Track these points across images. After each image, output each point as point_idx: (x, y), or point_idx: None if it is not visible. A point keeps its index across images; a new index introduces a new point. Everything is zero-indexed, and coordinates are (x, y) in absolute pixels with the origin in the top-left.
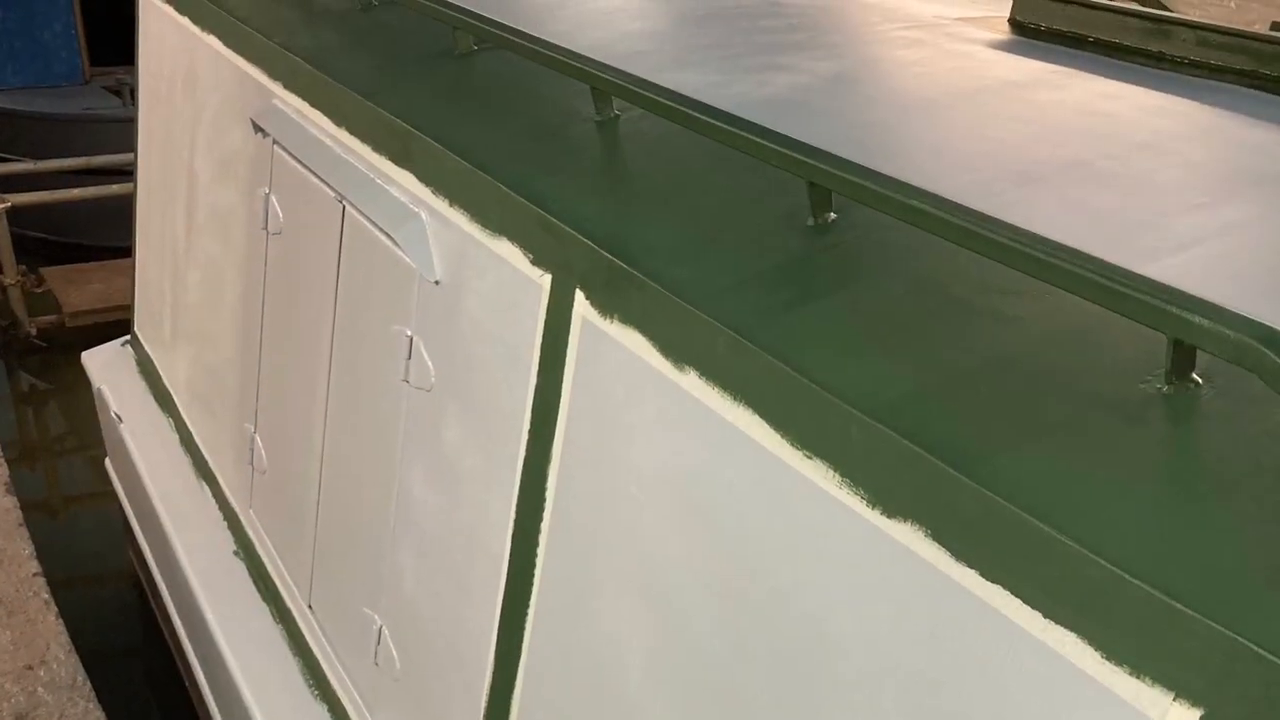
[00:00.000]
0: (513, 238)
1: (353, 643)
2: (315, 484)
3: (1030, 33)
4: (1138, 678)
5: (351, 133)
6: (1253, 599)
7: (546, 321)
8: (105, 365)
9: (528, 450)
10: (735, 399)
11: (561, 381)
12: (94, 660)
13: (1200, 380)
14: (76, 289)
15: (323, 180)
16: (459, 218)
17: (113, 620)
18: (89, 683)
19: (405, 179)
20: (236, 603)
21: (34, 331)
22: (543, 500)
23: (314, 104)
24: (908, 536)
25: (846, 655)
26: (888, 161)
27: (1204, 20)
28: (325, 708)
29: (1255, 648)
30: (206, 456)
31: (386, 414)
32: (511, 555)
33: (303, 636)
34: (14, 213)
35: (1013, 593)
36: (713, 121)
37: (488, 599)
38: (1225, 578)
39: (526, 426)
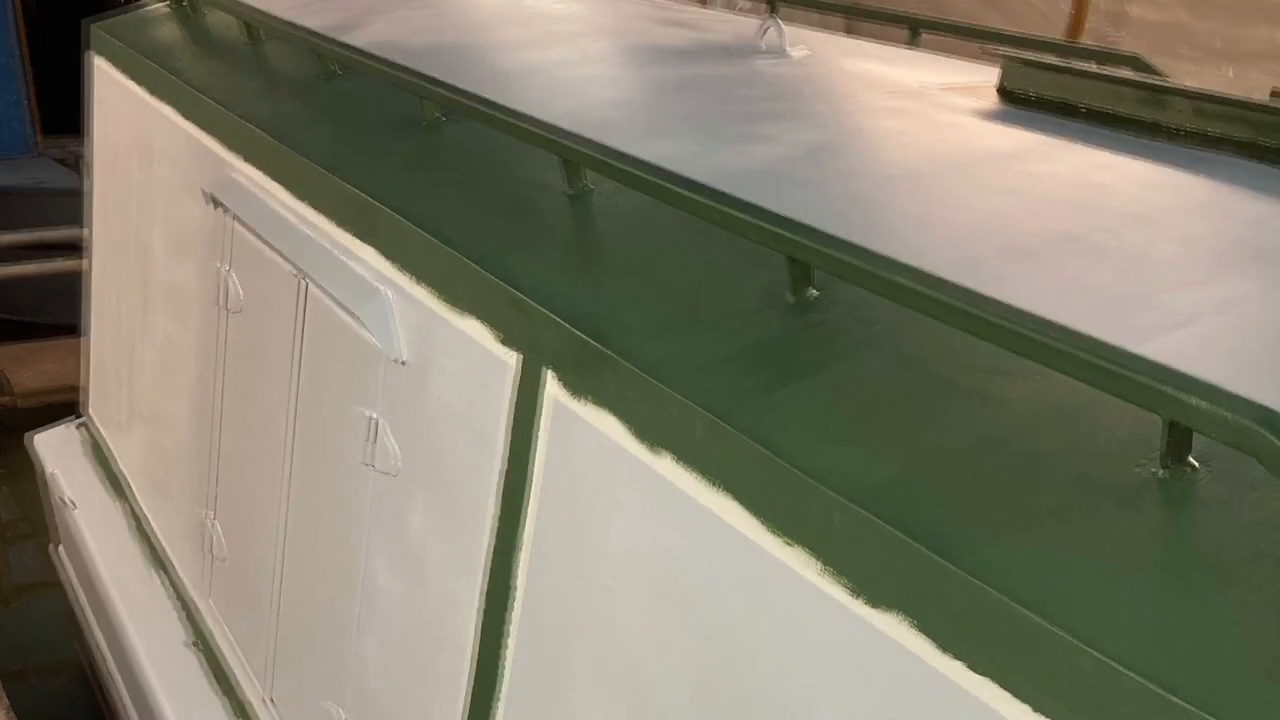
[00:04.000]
0: (481, 316)
1: None
2: (276, 572)
3: (1019, 101)
4: None
5: (313, 206)
6: (1252, 692)
7: (516, 403)
8: (56, 448)
9: (496, 537)
10: (713, 483)
11: (531, 465)
12: None
13: (1197, 464)
14: (28, 369)
15: (283, 255)
16: (424, 295)
17: (61, 714)
18: None
19: (369, 254)
20: (192, 696)
21: None
22: (511, 588)
23: (274, 176)
24: (892, 627)
25: None
26: (871, 235)
27: (1201, 89)
28: None
29: None
30: (162, 543)
31: (349, 499)
32: (479, 646)
33: None
34: None
35: (1002, 686)
36: (689, 194)
37: (454, 692)
38: (1224, 670)
39: (494, 512)
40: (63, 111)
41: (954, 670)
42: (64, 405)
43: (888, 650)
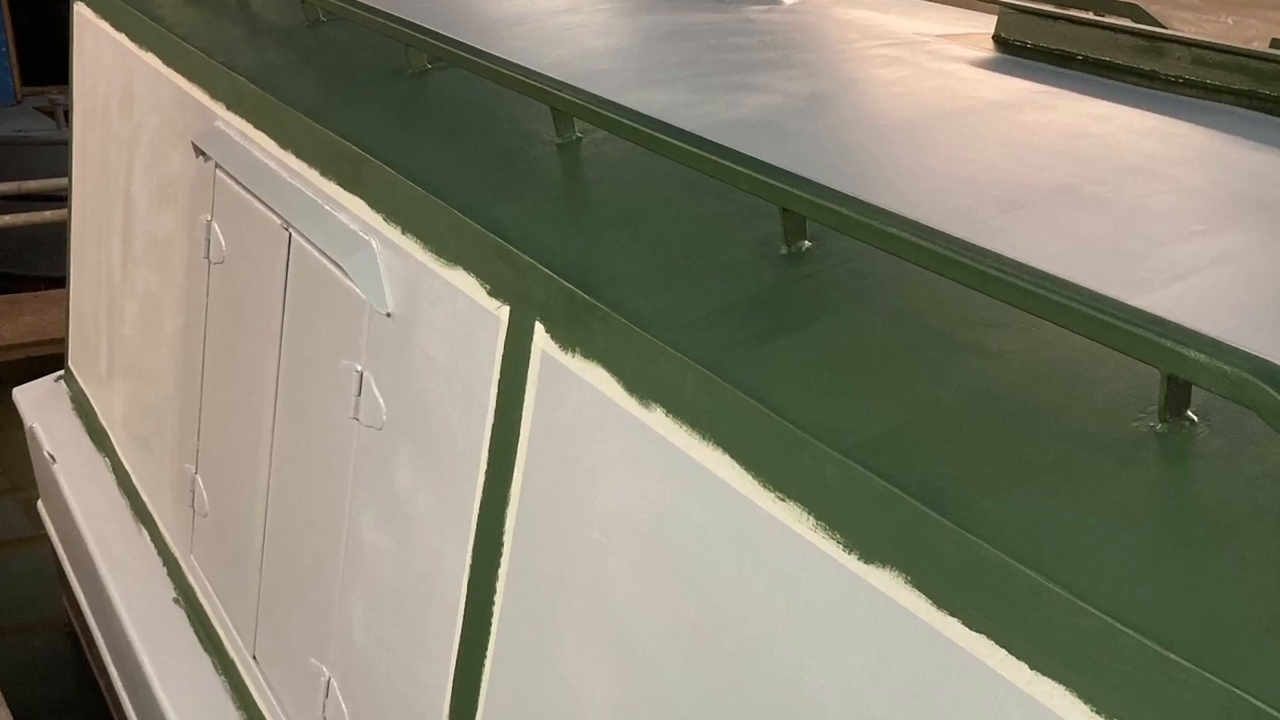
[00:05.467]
0: (469, 267)
1: (299, 695)
2: (260, 527)
3: (1016, 50)
4: None
5: (298, 156)
6: (1251, 649)
7: (504, 356)
8: (38, 402)
9: (484, 492)
10: (704, 438)
11: (520, 419)
12: (25, 715)
13: (1196, 418)
14: (8, 321)
15: (268, 206)
16: (412, 246)
17: (46, 672)
18: None
19: (355, 205)
20: (176, 653)
21: None
22: (500, 544)
23: (259, 126)
24: (886, 583)
25: (822, 709)
26: (865, 186)
27: (1199, 37)
28: None
29: (1254, 701)
30: (145, 498)
31: (335, 453)
32: (467, 603)
33: (246, 689)
34: None
35: (998, 643)
36: (680, 144)
37: (442, 649)
38: (1222, 627)
39: (483, 467)
40: (46, 60)
41: (949, 627)
42: (45, 360)
43: (882, 607)
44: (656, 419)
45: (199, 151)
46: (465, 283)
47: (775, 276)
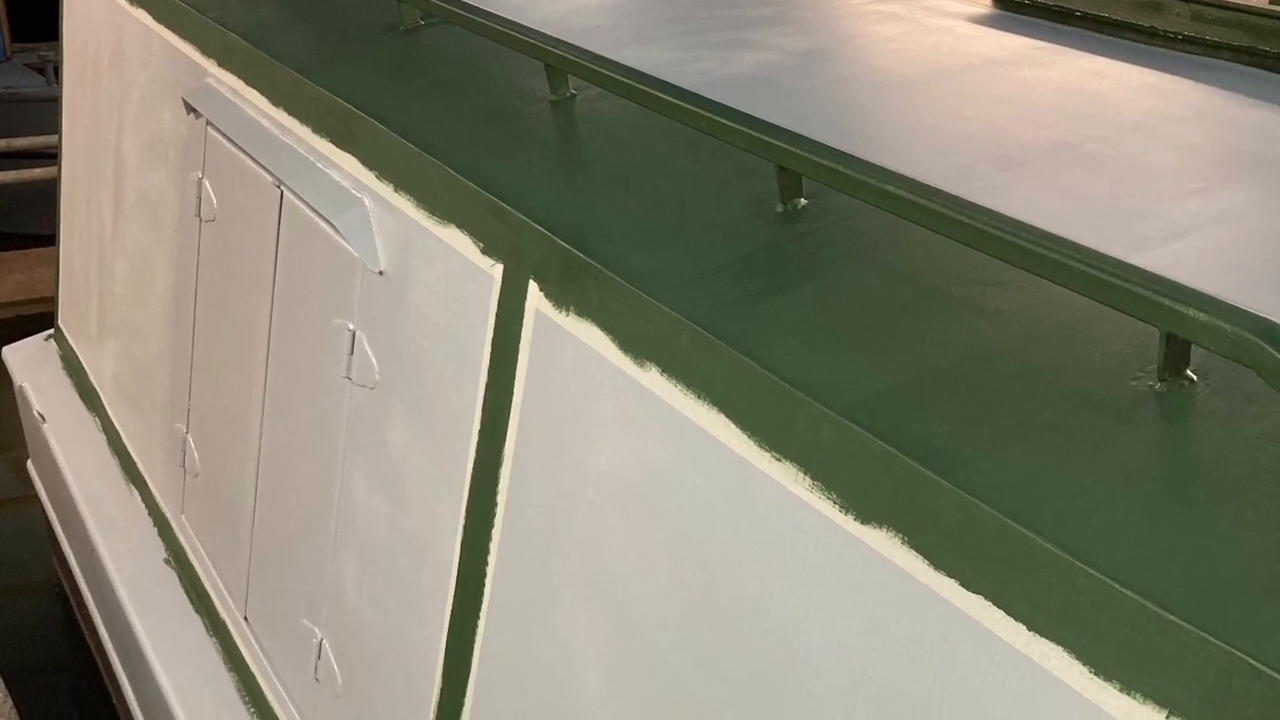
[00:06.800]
0: (462, 225)
1: (291, 657)
2: (251, 487)
3: (1013, 7)
4: (1128, 694)
5: (290, 113)
6: (1251, 611)
7: (498, 314)
8: (27, 361)
9: (478, 451)
10: (699, 397)
11: (514, 378)
12: (15, 676)
13: (1195, 377)
14: None
15: (259, 164)
16: (405, 204)
17: (36, 633)
18: (9, 700)
19: (347, 162)
20: (167, 614)
21: None
22: (494, 505)
23: (250, 82)
24: (883, 543)
25: (817, 670)
26: (862, 144)
27: None
28: None
29: (1254, 662)
30: (135, 458)
31: (327, 413)
32: (460, 564)
33: (238, 650)
34: None
35: (995, 603)
36: (675, 101)
37: (435, 610)
38: (1222, 588)
39: (476, 426)
40: (36, 16)
41: (946, 588)
42: (34, 318)
43: (878, 567)
44: (651, 378)
45: (190, 108)
46: (458, 241)
47: (771, 235)
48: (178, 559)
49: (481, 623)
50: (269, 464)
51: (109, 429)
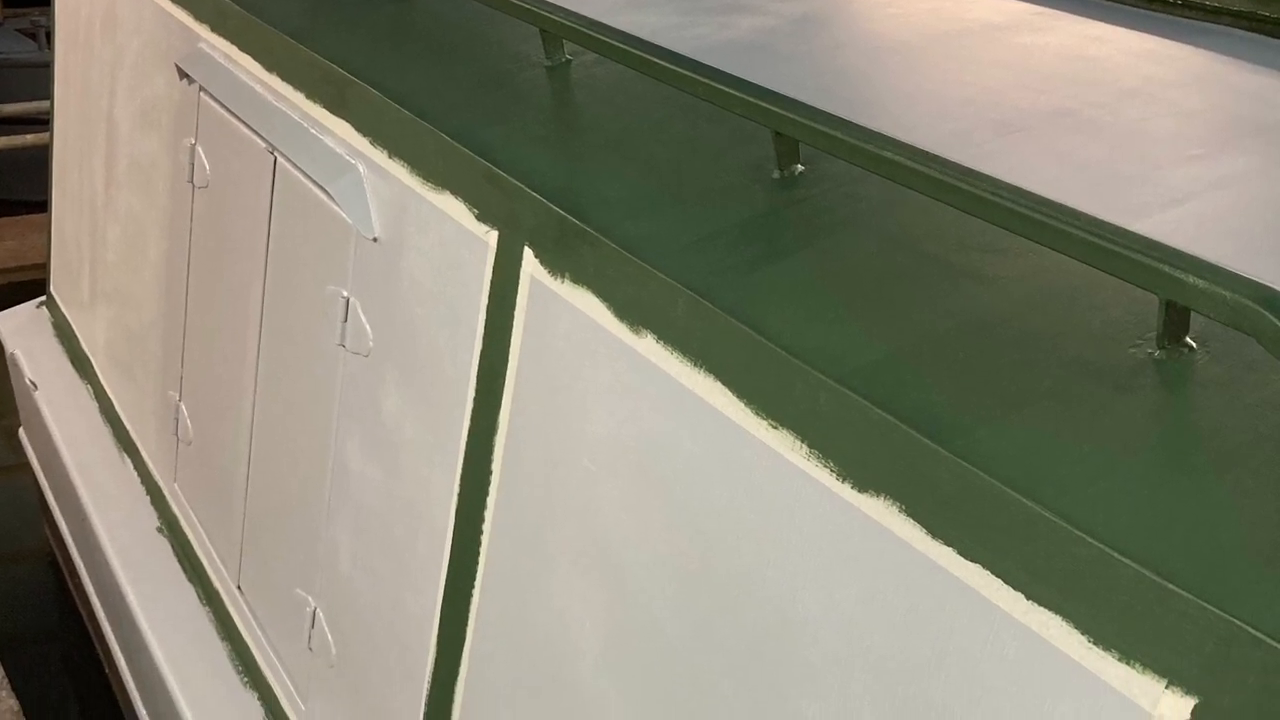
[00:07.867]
0: (456, 191)
1: (285, 626)
2: (244, 456)
3: None
4: (1127, 664)
5: (284, 79)
6: (1251, 579)
7: (493, 281)
8: (19, 329)
9: (472, 420)
10: (696, 365)
11: (509, 346)
12: (7, 645)
13: (1194, 345)
14: None
15: (252, 130)
16: (399, 170)
17: (28, 601)
18: (1, 668)
19: (341, 128)
20: (160, 583)
21: None
22: (489, 473)
23: (243, 48)
24: (880, 512)
25: (815, 639)
26: (859, 109)
27: None
28: (255, 696)
29: (1253, 631)
30: (128, 426)
31: (321, 381)
32: (455, 532)
33: (231, 619)
34: None
35: (993, 572)
36: (671, 66)
37: (430, 579)
38: (1221, 556)
39: (471, 394)
40: None
41: (944, 556)
42: (26, 285)
43: (875, 536)
44: (647, 345)
45: (183, 74)
46: (453, 207)
47: (768, 201)
48: (170, 527)
49: (476, 591)
50: (262, 432)
51: (101, 396)
